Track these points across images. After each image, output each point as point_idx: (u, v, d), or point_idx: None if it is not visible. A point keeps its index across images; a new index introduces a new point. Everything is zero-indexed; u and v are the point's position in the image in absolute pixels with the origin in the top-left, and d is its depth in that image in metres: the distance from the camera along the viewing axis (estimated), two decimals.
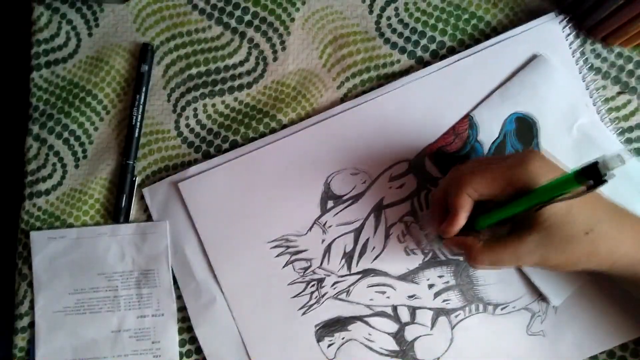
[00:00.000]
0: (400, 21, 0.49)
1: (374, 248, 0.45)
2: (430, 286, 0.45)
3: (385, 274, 0.45)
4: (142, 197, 0.48)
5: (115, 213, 0.48)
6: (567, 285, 0.44)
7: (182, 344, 0.47)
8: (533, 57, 0.46)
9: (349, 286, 0.45)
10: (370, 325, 0.45)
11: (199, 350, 0.47)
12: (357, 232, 0.46)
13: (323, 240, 0.46)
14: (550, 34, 0.46)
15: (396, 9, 0.49)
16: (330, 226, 0.46)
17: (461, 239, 0.39)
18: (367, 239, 0.45)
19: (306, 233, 0.46)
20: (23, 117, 0.50)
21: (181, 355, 0.47)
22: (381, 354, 0.45)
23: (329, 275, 0.45)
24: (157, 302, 0.47)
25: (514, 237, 0.37)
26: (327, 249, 0.46)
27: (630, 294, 0.41)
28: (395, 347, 0.45)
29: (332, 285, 0.45)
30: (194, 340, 0.47)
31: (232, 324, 0.46)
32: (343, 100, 0.48)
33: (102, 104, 0.49)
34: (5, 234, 0.58)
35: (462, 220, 0.38)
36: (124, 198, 0.47)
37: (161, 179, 0.48)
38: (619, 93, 0.47)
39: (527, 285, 0.44)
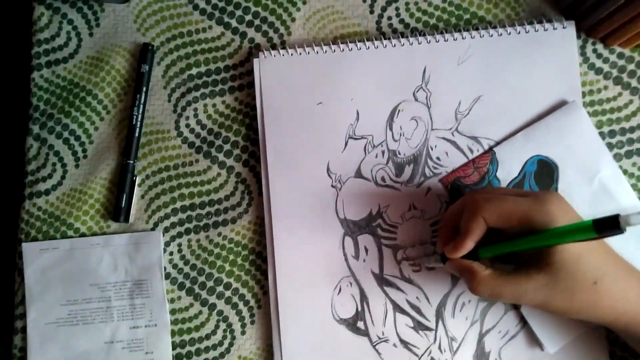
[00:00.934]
0: (402, 21, 0.48)
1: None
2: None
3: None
4: (142, 196, 0.48)
5: (115, 213, 0.47)
6: (565, 333, 0.43)
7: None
8: (563, 102, 0.46)
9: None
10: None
11: (189, 355, 0.47)
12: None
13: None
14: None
15: (397, 8, 0.49)
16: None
17: (466, 263, 0.38)
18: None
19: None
20: (23, 117, 0.50)
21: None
22: None
23: None
24: (150, 312, 0.47)
25: (520, 273, 0.36)
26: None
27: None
28: None
29: None
30: (184, 344, 0.47)
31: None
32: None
33: (103, 104, 0.49)
34: (5, 234, 0.58)
35: (470, 244, 0.37)
36: (124, 198, 0.47)
37: (161, 179, 0.48)
38: (620, 93, 0.47)
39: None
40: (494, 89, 0.46)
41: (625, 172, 0.46)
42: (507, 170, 0.45)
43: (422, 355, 0.45)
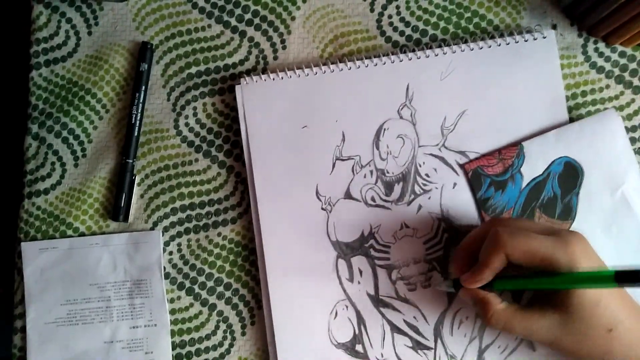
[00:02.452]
0: (402, 19, 0.48)
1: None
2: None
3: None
4: (141, 196, 0.48)
5: (114, 212, 0.47)
6: None
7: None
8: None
9: None
10: None
11: (189, 355, 0.47)
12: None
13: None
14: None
15: (397, 7, 0.48)
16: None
17: (482, 294, 0.38)
18: None
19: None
20: (22, 116, 0.50)
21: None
22: None
23: None
24: (149, 312, 0.47)
25: (534, 310, 0.36)
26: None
27: None
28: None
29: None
30: (184, 344, 0.47)
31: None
32: None
33: (102, 103, 0.49)
34: (4, 234, 0.58)
35: (489, 276, 0.37)
36: (123, 197, 0.47)
37: (161, 178, 0.48)
38: (622, 92, 0.47)
39: None
40: (478, 103, 0.46)
41: None
42: (532, 167, 0.45)
43: None
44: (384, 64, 0.46)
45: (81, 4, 0.50)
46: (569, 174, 0.44)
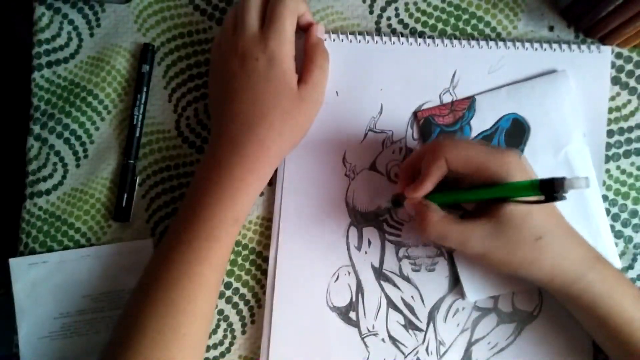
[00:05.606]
0: (401, 21, 0.49)
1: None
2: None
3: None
4: (143, 196, 0.49)
5: (116, 213, 0.48)
6: (490, 287, 0.44)
7: None
8: (553, 70, 0.46)
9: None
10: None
11: None
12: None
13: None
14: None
15: (396, 9, 0.49)
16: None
17: (425, 202, 0.39)
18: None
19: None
20: (24, 117, 0.50)
21: None
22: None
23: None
24: None
25: (470, 221, 0.37)
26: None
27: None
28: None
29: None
30: None
31: None
32: None
33: (103, 104, 0.49)
34: (6, 233, 0.58)
35: (430, 185, 0.38)
36: (125, 197, 0.47)
37: (162, 179, 0.48)
38: (619, 93, 0.47)
39: None
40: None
41: (623, 171, 0.46)
42: (482, 121, 0.46)
43: (408, 354, 0.45)
44: (437, 46, 0.47)
45: (83, 5, 0.50)
46: (516, 131, 0.45)
